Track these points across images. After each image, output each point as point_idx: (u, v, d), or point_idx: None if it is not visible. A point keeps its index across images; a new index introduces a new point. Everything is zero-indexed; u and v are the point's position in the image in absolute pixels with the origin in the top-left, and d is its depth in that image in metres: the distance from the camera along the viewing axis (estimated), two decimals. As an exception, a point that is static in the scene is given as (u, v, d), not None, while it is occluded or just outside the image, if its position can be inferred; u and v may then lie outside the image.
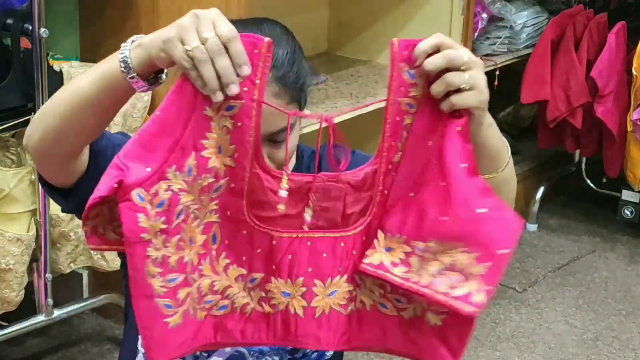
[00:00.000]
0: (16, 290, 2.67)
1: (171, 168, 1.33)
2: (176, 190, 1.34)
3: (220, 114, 1.34)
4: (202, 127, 1.34)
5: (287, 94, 1.52)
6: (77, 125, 1.43)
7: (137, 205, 1.32)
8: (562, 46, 3.78)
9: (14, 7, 2.56)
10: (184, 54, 1.32)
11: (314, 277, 1.41)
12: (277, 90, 1.51)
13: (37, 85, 2.57)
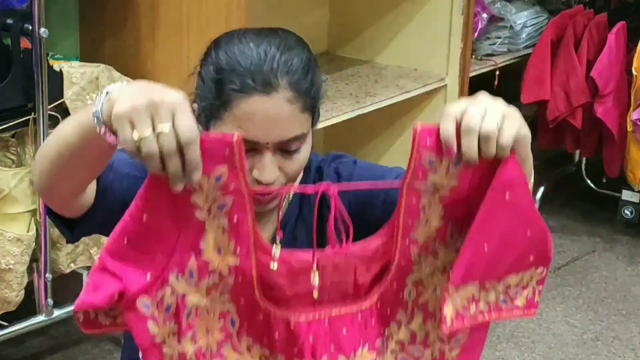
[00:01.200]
0: (16, 290, 2.67)
1: (173, 272, 1.31)
2: (181, 293, 1.32)
3: (212, 214, 1.31)
4: (196, 232, 1.31)
5: (300, 100, 1.50)
6: (68, 171, 1.41)
7: (145, 314, 1.30)
8: (562, 46, 3.78)
9: (14, 7, 2.56)
10: (131, 140, 1.21)
11: (338, 353, 1.41)
12: (291, 96, 1.49)
13: (37, 85, 2.57)
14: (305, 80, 1.51)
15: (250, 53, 1.50)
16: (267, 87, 1.47)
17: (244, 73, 1.48)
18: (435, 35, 3.62)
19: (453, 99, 3.64)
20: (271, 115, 1.47)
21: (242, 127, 1.47)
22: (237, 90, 1.48)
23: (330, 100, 3.28)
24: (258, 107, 1.47)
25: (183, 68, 2.85)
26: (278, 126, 1.48)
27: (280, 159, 1.51)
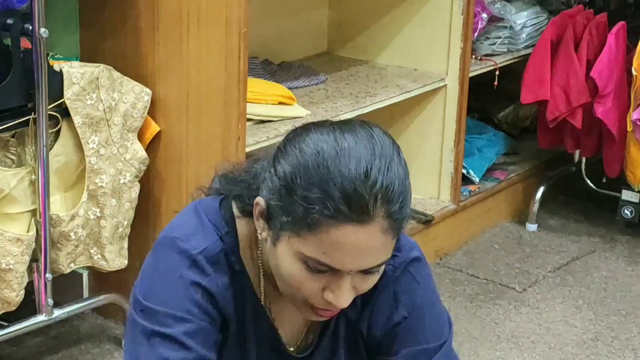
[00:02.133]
0: (16, 290, 2.67)
1: None
2: None
3: None
4: None
5: (395, 229, 1.36)
6: None
7: None
8: (562, 46, 3.78)
9: (14, 7, 2.56)
10: None
11: None
12: (387, 225, 1.34)
13: (37, 86, 2.57)
14: (402, 209, 1.36)
15: (347, 170, 1.32)
16: (363, 216, 1.32)
17: (338, 197, 1.32)
18: (435, 35, 3.62)
19: (453, 99, 3.64)
20: (362, 247, 1.34)
21: (326, 253, 1.34)
22: (329, 215, 1.32)
23: (330, 100, 3.28)
24: (350, 237, 1.32)
25: (183, 68, 2.85)
26: (367, 257, 1.36)
27: (357, 279, 1.39)
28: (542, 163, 4.22)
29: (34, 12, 2.52)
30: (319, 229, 1.33)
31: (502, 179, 4.03)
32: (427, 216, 3.63)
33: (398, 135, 3.72)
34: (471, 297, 3.50)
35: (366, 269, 1.37)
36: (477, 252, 3.82)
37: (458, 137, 3.68)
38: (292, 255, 1.38)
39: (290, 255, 1.38)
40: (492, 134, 4.15)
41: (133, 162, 2.84)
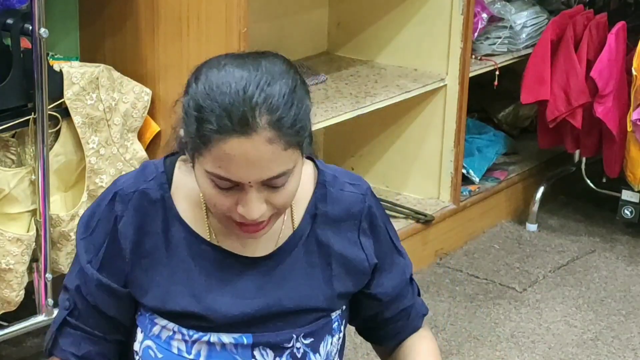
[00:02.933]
0: (16, 290, 2.67)
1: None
2: None
3: None
4: None
5: (282, 138, 1.46)
6: None
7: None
8: (562, 46, 3.78)
9: (14, 7, 2.56)
10: None
11: None
12: (272, 135, 1.44)
13: (37, 85, 2.57)
14: (287, 117, 1.46)
15: (228, 89, 1.46)
16: (245, 127, 1.43)
17: (221, 113, 1.45)
18: (435, 35, 3.62)
19: (453, 99, 3.64)
20: (250, 157, 1.44)
21: (222, 167, 1.46)
22: (215, 130, 1.45)
23: (330, 100, 3.28)
24: (236, 149, 1.44)
25: (183, 68, 2.85)
26: (259, 167, 1.45)
27: (267, 193, 1.49)
28: (542, 163, 4.22)
29: (34, 12, 2.52)
30: (211, 144, 1.46)
31: (502, 179, 4.03)
32: (427, 216, 3.64)
33: (398, 136, 3.72)
34: (471, 297, 3.50)
35: (265, 179, 1.47)
36: (477, 252, 3.82)
37: (458, 137, 3.68)
38: (203, 175, 1.51)
39: (202, 176, 1.51)
40: (492, 134, 4.15)
41: (133, 162, 2.84)
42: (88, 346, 1.65)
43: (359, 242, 1.68)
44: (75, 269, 1.67)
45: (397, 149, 3.74)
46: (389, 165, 3.78)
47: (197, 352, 1.62)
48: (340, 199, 1.67)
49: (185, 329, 1.62)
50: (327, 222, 1.66)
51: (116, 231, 1.61)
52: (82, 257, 1.64)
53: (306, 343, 1.65)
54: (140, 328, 1.65)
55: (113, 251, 1.62)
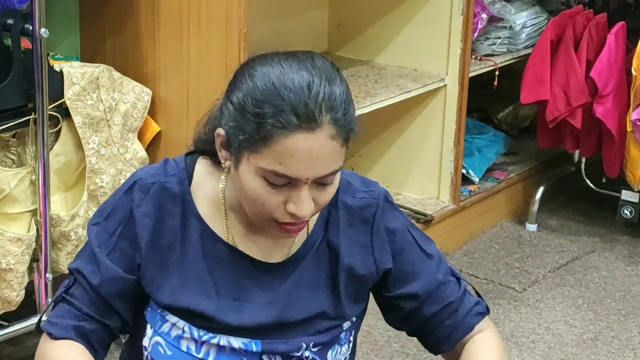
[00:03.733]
0: (16, 290, 2.67)
1: None
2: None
3: None
4: None
5: (341, 136, 1.49)
6: None
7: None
8: (561, 46, 3.78)
9: (14, 7, 2.56)
10: None
11: None
12: (334, 132, 1.47)
13: (37, 85, 2.58)
14: (346, 116, 1.49)
15: (292, 85, 1.47)
16: (310, 124, 1.45)
17: (286, 108, 1.45)
18: (435, 36, 3.63)
19: (453, 99, 3.64)
20: (314, 153, 1.46)
21: (283, 163, 1.46)
22: (280, 127, 1.45)
23: (330, 100, 3.28)
24: (301, 144, 1.45)
25: (183, 68, 2.85)
26: (320, 163, 1.47)
27: (315, 191, 1.51)
28: (542, 163, 4.22)
29: (34, 12, 2.52)
30: (272, 140, 1.46)
31: (502, 179, 4.03)
32: (427, 216, 3.64)
33: (398, 136, 3.72)
34: (471, 297, 3.50)
35: (321, 176, 1.48)
36: (477, 252, 3.82)
37: (458, 137, 3.68)
38: (252, 173, 1.50)
39: (251, 173, 1.50)
40: (492, 134, 4.15)
41: (133, 162, 2.84)
42: (72, 321, 1.64)
43: (370, 247, 1.68)
44: (82, 254, 1.66)
45: (397, 149, 3.74)
46: (389, 165, 3.78)
47: (206, 352, 1.62)
48: (352, 205, 1.67)
49: (195, 329, 1.61)
50: (339, 227, 1.66)
51: (133, 218, 1.61)
52: (92, 241, 1.64)
53: (314, 351, 1.65)
54: (149, 324, 1.64)
55: (126, 238, 1.61)
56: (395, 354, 3.13)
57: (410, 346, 3.16)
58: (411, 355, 3.14)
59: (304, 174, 1.47)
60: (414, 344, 3.19)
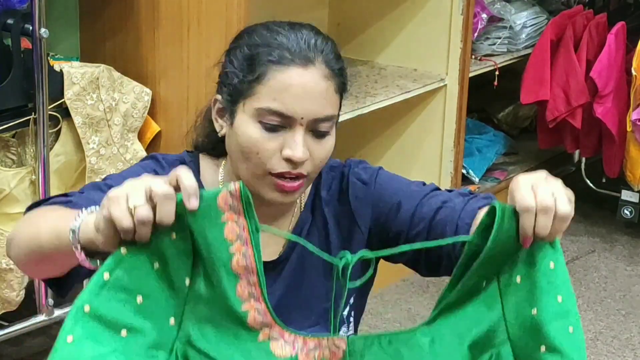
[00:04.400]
0: (16, 290, 2.67)
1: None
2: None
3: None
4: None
5: (335, 79, 1.54)
6: (38, 265, 1.42)
7: None
8: (561, 46, 3.79)
9: (14, 7, 2.56)
10: (125, 209, 1.21)
11: None
12: (327, 73, 1.53)
13: (37, 85, 2.58)
14: (338, 63, 1.55)
15: (286, 33, 1.53)
16: (304, 60, 1.50)
17: (280, 47, 1.50)
18: (435, 36, 3.63)
19: (452, 99, 3.64)
20: (308, 88, 1.49)
21: (277, 98, 1.47)
22: (275, 61, 1.49)
23: (330, 100, 3.29)
24: (296, 78, 1.49)
25: (183, 68, 2.85)
26: (314, 100, 1.48)
27: (310, 141, 1.51)
28: (541, 163, 4.22)
29: (34, 12, 2.52)
30: (267, 77, 1.49)
31: (502, 179, 4.03)
32: (427, 216, 3.63)
33: (398, 136, 3.72)
34: (471, 297, 3.50)
35: (315, 117, 1.49)
36: (477, 252, 3.82)
37: (458, 137, 3.68)
38: (248, 120, 1.51)
39: (247, 120, 1.52)
40: (492, 134, 4.15)
41: (133, 162, 2.84)
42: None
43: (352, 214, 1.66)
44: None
45: (397, 149, 3.74)
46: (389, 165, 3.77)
47: None
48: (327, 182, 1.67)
49: None
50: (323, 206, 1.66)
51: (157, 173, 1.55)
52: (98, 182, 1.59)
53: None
54: None
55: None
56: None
57: (410, 346, 3.17)
58: (411, 355, 3.14)
59: (298, 110, 1.48)
60: (414, 344, 3.19)
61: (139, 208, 1.20)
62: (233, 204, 1.26)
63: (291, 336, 1.30)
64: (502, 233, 1.28)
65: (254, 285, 1.28)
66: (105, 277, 1.24)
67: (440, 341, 1.32)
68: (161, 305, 1.26)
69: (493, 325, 1.33)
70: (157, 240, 1.24)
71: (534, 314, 1.32)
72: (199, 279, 1.27)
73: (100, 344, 1.23)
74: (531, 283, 1.33)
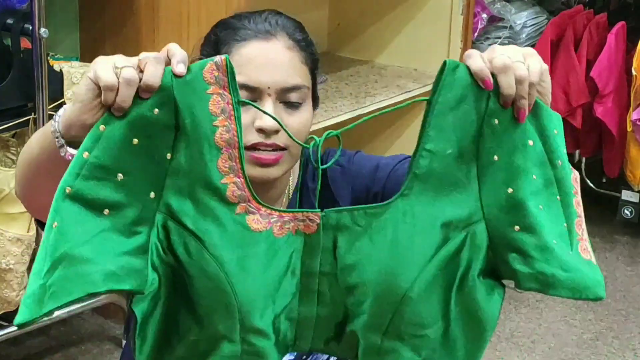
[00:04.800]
0: (16, 290, 2.67)
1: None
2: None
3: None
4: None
5: (298, 51, 1.56)
6: (36, 183, 1.43)
7: None
8: (561, 46, 3.78)
9: (14, 7, 2.56)
10: (111, 68, 1.24)
11: None
12: (289, 44, 1.55)
13: (37, 85, 2.58)
14: (301, 36, 1.58)
15: (249, 16, 1.57)
16: (266, 34, 1.53)
17: (243, 27, 1.54)
18: (435, 36, 3.62)
19: (453, 99, 3.64)
20: (271, 59, 1.51)
21: (242, 72, 1.48)
22: (238, 40, 1.52)
23: (330, 100, 3.29)
24: (257, 50, 1.51)
25: (183, 68, 2.85)
26: (278, 70, 1.50)
27: (282, 112, 1.52)
28: (542, 163, 4.22)
29: (34, 12, 2.52)
30: (231, 54, 1.50)
31: (502, 179, 4.02)
32: (427, 216, 3.63)
33: (398, 135, 3.72)
34: (471, 297, 3.50)
35: (282, 87, 1.50)
36: (477, 252, 3.82)
37: (458, 137, 3.67)
38: None
39: None
40: (492, 134, 4.15)
41: (133, 162, 2.84)
42: None
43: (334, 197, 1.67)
44: None
45: (397, 149, 3.74)
46: (389, 165, 3.78)
47: None
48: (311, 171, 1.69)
49: None
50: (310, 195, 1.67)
51: None
52: None
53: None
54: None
55: None
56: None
57: (411, 346, 3.17)
58: (411, 355, 3.14)
59: (262, 80, 1.49)
60: (414, 344, 3.19)
61: (125, 68, 1.24)
62: (218, 77, 1.30)
63: (267, 211, 1.34)
64: (453, 84, 1.35)
65: (234, 159, 1.31)
66: (84, 157, 1.26)
67: (413, 216, 1.35)
68: (141, 181, 1.28)
69: (469, 206, 1.36)
70: (138, 115, 1.26)
71: (509, 193, 1.34)
72: (181, 153, 1.30)
73: (84, 226, 1.26)
74: (508, 161, 1.35)
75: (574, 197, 1.38)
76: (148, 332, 1.34)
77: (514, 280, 1.36)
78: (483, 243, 1.35)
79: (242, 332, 1.33)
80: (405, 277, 1.34)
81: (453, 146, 1.34)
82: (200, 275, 1.31)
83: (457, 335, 1.38)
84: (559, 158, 1.36)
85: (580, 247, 1.38)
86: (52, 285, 1.25)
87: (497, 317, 1.37)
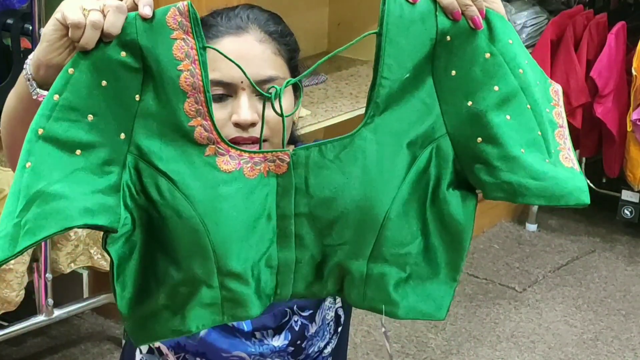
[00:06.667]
0: (16, 290, 2.67)
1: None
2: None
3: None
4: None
5: (271, 42, 1.53)
6: (15, 136, 1.40)
7: None
8: (561, 46, 3.78)
9: (14, 7, 2.56)
10: (79, 9, 1.27)
11: None
12: (262, 37, 1.53)
13: (37, 85, 2.57)
14: (275, 27, 1.55)
15: (222, 13, 1.56)
16: (237, 29, 1.52)
17: (216, 24, 1.53)
18: (435, 36, 3.62)
19: (453, 99, 3.64)
20: (242, 53, 1.49)
21: (216, 69, 1.46)
22: (210, 37, 1.50)
23: (330, 100, 3.29)
24: (228, 46, 1.49)
25: (183, 68, 2.85)
26: (250, 64, 1.47)
27: (258, 105, 1.50)
28: (542, 163, 4.22)
29: (34, 12, 2.52)
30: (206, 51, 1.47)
31: (502, 179, 4.03)
32: (427, 216, 3.63)
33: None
34: (471, 297, 3.50)
35: (256, 80, 1.47)
36: (477, 252, 3.82)
37: (458, 137, 3.68)
38: None
39: None
40: (492, 134, 4.15)
41: (133, 162, 2.84)
42: None
43: None
44: None
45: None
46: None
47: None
48: None
49: None
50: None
51: None
52: None
53: (304, 316, 1.64)
54: None
55: None
56: (396, 354, 3.13)
57: (410, 346, 3.17)
58: (411, 355, 3.14)
59: (236, 74, 1.46)
60: (414, 344, 3.19)
61: (92, 11, 1.27)
62: (182, 22, 1.31)
63: (236, 152, 1.36)
64: (397, 10, 1.34)
65: (201, 103, 1.33)
66: (54, 99, 1.28)
67: (379, 142, 1.37)
68: (111, 122, 1.31)
69: (432, 122, 1.38)
70: (106, 58, 1.29)
71: (469, 105, 1.36)
72: (148, 95, 1.32)
73: (58, 165, 1.28)
74: (466, 75, 1.36)
75: (553, 108, 1.40)
76: (127, 278, 1.36)
77: (481, 190, 1.39)
78: (449, 157, 1.38)
79: (220, 276, 1.34)
80: (382, 201, 1.36)
81: (409, 70, 1.36)
82: (173, 216, 1.33)
83: (437, 246, 1.41)
84: (519, 67, 1.36)
85: (561, 155, 1.38)
86: (27, 222, 1.25)
87: (472, 224, 1.40)
